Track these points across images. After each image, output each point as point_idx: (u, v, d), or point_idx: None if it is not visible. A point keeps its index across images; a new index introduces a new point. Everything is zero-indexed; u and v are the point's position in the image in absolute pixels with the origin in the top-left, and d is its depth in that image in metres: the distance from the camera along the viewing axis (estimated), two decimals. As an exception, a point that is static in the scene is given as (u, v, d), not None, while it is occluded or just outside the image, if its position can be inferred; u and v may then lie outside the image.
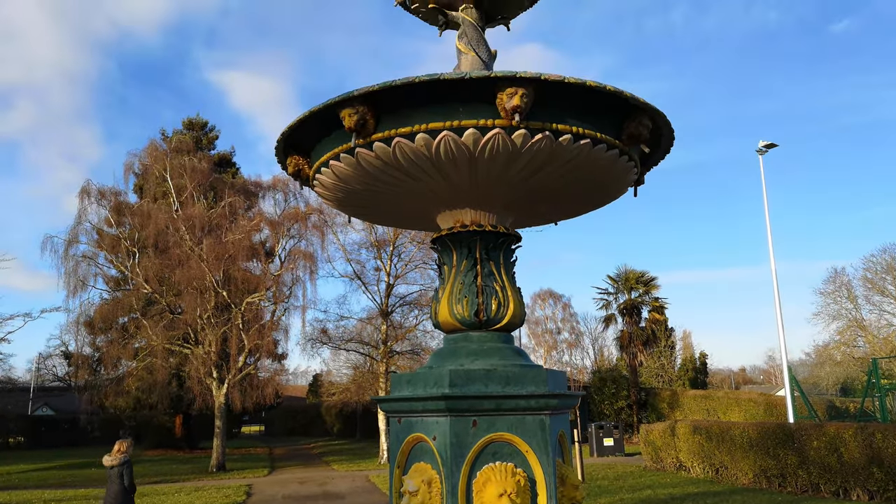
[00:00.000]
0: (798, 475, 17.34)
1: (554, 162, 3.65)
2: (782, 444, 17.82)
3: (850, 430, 16.08)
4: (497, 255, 4.14)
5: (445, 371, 3.69)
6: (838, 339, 50.41)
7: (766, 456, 18.42)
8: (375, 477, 24.08)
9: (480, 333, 4.02)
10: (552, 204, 4.29)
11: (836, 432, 16.32)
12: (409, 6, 4.74)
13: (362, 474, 25.58)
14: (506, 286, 4.08)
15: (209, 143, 47.58)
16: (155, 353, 30.41)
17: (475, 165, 3.62)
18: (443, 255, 4.27)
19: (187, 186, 32.72)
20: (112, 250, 32.36)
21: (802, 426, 17.95)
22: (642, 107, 3.60)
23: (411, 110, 3.49)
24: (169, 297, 30.17)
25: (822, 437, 16.58)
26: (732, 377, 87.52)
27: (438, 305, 4.12)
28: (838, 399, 39.92)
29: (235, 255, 29.46)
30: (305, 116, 3.71)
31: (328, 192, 4.23)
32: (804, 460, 17.10)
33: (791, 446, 17.48)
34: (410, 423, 3.84)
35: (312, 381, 72.77)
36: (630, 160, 3.91)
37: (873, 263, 46.96)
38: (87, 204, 31.92)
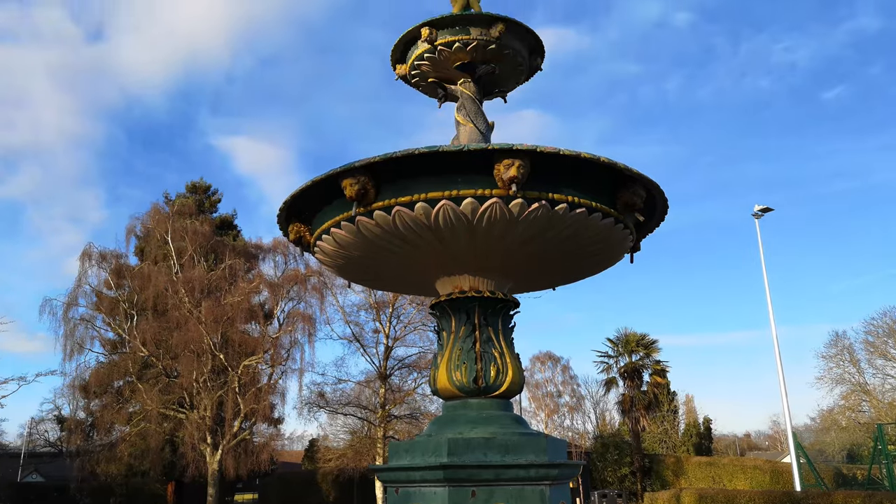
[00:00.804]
0: (807, 546, 16.85)
1: (551, 230, 3.72)
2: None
3: (858, 499, 15.72)
4: (496, 320, 4.16)
5: (444, 439, 3.66)
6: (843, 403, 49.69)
7: (773, 526, 17.96)
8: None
9: (479, 400, 4.01)
10: (550, 271, 4.34)
11: (844, 501, 15.94)
12: (409, 80, 4.92)
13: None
14: (504, 352, 4.09)
15: (212, 206, 48.11)
16: (149, 417, 29.91)
17: (473, 233, 3.69)
18: (441, 321, 4.29)
19: (188, 249, 32.93)
20: (110, 313, 32.28)
21: (810, 494, 17.52)
22: (636, 177, 3.70)
23: (411, 180, 3.59)
24: (165, 361, 29.90)
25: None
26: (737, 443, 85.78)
27: (437, 372, 4.12)
28: (845, 466, 39.03)
29: (234, 317, 29.37)
30: (308, 186, 3.80)
31: (329, 259, 4.29)
32: (813, 530, 16.65)
33: (799, 515, 17.05)
34: (408, 494, 3.78)
35: (309, 446, 71.20)
36: (625, 228, 3.98)
37: (874, 327, 46.75)
38: (87, 266, 32.04)
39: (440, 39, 4.51)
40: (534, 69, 4.86)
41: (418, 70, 4.79)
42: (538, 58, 4.82)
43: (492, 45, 4.49)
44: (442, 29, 4.52)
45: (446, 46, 4.53)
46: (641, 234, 4.39)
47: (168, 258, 33.07)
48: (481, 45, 4.49)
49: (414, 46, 4.72)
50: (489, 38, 4.46)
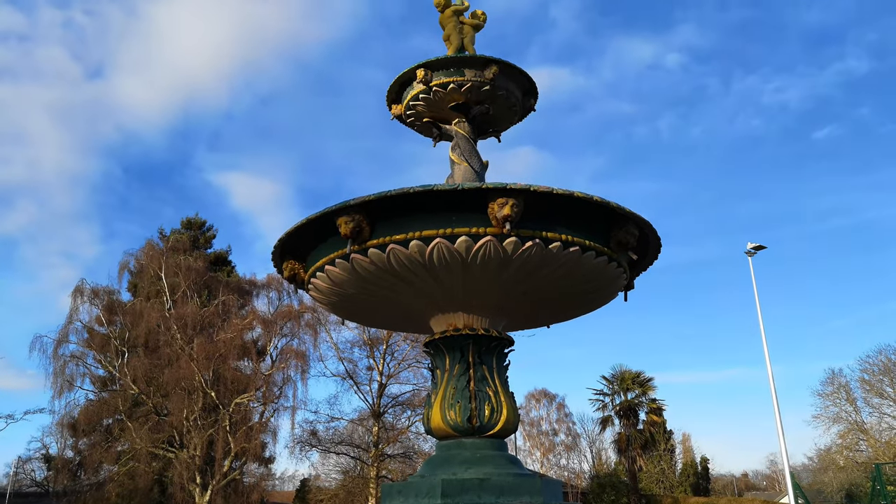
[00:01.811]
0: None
1: (545, 268, 3.74)
2: (790, 555, 17.06)
3: (860, 541, 15.47)
4: (490, 358, 4.15)
5: (437, 480, 3.62)
6: (840, 442, 49.29)
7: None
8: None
9: (474, 440, 3.97)
10: (544, 308, 4.35)
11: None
12: (405, 120, 4.99)
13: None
14: (499, 391, 4.06)
15: (206, 241, 48.08)
16: (138, 457, 29.36)
17: (468, 271, 3.70)
18: (435, 359, 4.28)
19: (181, 285, 32.79)
20: (101, 349, 31.93)
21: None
22: (628, 216, 3.74)
23: (405, 218, 3.61)
24: (156, 399, 29.50)
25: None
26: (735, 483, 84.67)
27: (431, 411, 4.08)
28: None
29: (226, 353, 29.10)
30: (303, 223, 3.82)
31: (323, 296, 4.29)
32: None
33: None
34: (401, 537, 3.72)
35: (300, 486, 69.83)
36: (619, 266, 4.00)
37: (870, 365, 46.67)
38: (79, 303, 31.79)
39: (435, 80, 4.59)
40: (527, 110, 4.94)
41: (413, 110, 4.87)
42: (532, 98, 4.90)
43: (486, 86, 4.57)
44: (437, 70, 4.60)
45: (441, 87, 4.61)
46: (635, 272, 4.41)
47: (161, 294, 32.89)
48: (475, 86, 4.57)
49: (409, 87, 4.80)
50: (483, 80, 4.55)
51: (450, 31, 4.84)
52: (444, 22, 4.91)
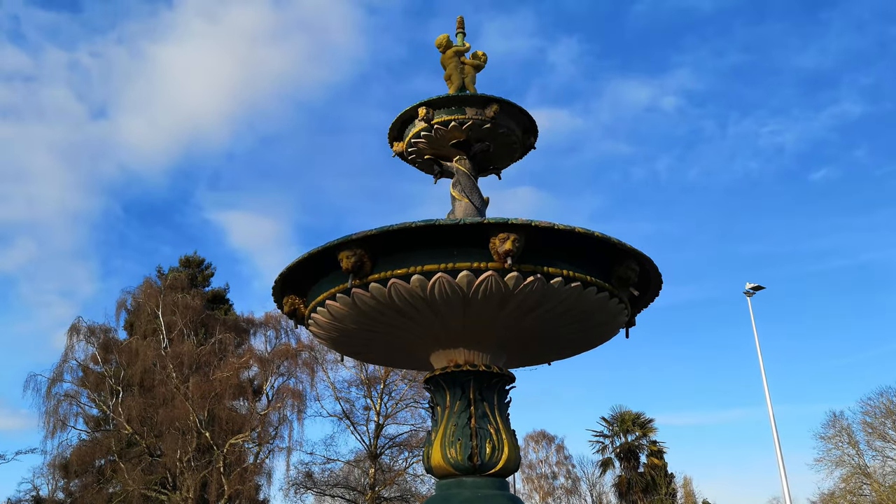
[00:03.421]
0: None
1: (546, 303, 3.73)
2: None
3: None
4: (491, 395, 4.11)
5: (437, 522, 3.55)
6: (843, 486, 48.57)
7: None
8: None
9: (475, 479, 3.90)
10: (545, 344, 4.33)
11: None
12: (406, 157, 5.05)
13: None
14: (500, 428, 4.02)
15: (204, 279, 47.98)
16: (130, 498, 28.74)
17: (469, 306, 3.70)
18: (436, 396, 4.24)
19: (178, 323, 32.60)
20: (96, 388, 31.57)
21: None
22: (629, 252, 3.75)
23: (407, 253, 3.62)
24: (150, 439, 29.04)
25: None
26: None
27: (431, 449, 4.03)
28: (852, 553, 37.74)
29: (222, 392, 28.76)
30: (304, 258, 3.83)
31: (323, 332, 4.27)
32: None
33: None
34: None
35: (294, 531, 68.43)
36: (620, 302, 4.00)
37: (871, 407, 46.26)
38: (74, 341, 31.53)
39: (437, 118, 4.66)
40: (528, 147, 5.00)
41: (415, 147, 4.92)
42: (532, 136, 4.97)
43: (487, 124, 4.64)
44: (438, 109, 4.67)
45: (442, 125, 4.67)
46: (636, 308, 4.41)
47: (157, 333, 32.66)
48: (476, 124, 4.64)
49: (411, 125, 4.86)
50: (484, 118, 4.61)
51: (451, 71, 4.93)
52: (445, 62, 5.01)
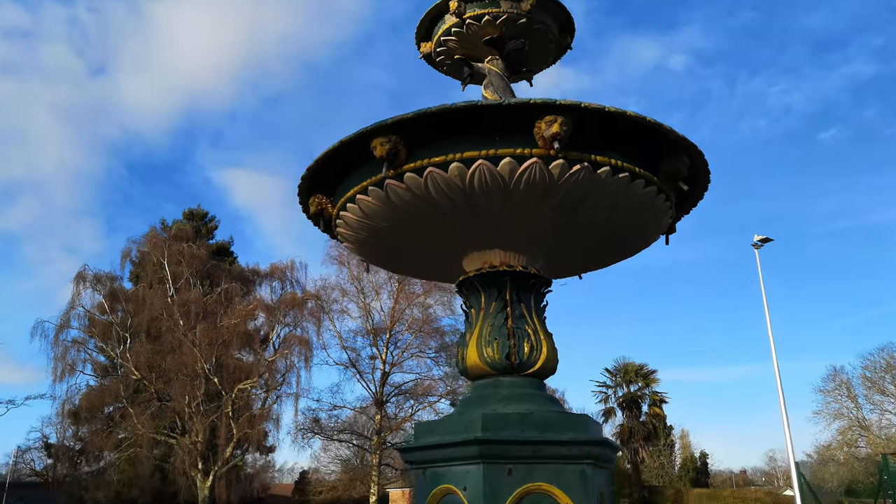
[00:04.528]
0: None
1: (591, 197, 3.55)
2: (798, 543, 16.92)
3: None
4: (528, 297, 3.97)
5: (477, 415, 3.44)
6: (840, 438, 49.40)
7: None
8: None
9: (512, 378, 3.79)
10: (583, 249, 4.16)
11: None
12: (434, 58, 4.80)
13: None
14: (538, 329, 3.88)
15: (208, 232, 47.91)
16: (140, 442, 29.23)
17: (509, 198, 3.52)
18: (470, 299, 4.10)
19: (184, 273, 32.61)
20: (103, 336, 31.78)
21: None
22: (681, 142, 3.56)
23: (445, 139, 3.43)
24: (158, 385, 29.35)
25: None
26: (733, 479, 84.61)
27: (466, 350, 3.90)
28: (846, 499, 38.50)
29: (230, 340, 28.95)
30: (335, 147, 3.64)
31: (351, 233, 4.10)
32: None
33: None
34: (437, 474, 3.54)
35: (299, 478, 69.87)
36: (667, 200, 3.82)
37: (871, 362, 46.73)
38: (81, 289, 31.64)
39: (469, 13, 4.40)
40: (564, 48, 4.75)
41: (444, 47, 4.68)
42: (568, 36, 4.72)
43: (522, 19, 4.38)
44: (471, 2, 4.41)
45: (475, 20, 4.42)
46: (678, 213, 4.23)
47: (164, 282, 32.73)
48: (511, 18, 4.38)
49: (440, 21, 4.61)
50: (519, 12, 4.35)
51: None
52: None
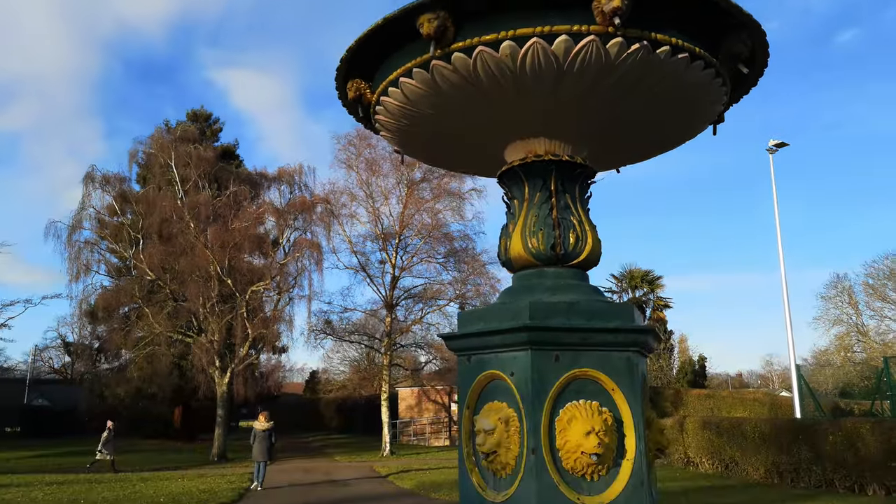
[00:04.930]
0: (812, 471, 17.12)
1: (646, 79, 3.38)
2: (796, 439, 17.59)
3: (868, 426, 15.89)
4: (573, 187, 3.88)
5: (524, 304, 3.43)
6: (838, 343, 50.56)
7: (778, 451, 18.19)
8: (379, 467, 23.82)
9: (556, 269, 3.76)
10: (631, 137, 4.02)
11: (853, 427, 16.11)
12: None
13: (366, 465, 25.30)
14: (583, 220, 3.82)
15: (213, 134, 47.30)
16: (157, 341, 30.09)
17: (561, 80, 3.35)
18: (512, 190, 4.01)
19: (192, 175, 32.45)
20: (115, 238, 32.07)
21: (818, 422, 17.71)
22: (746, 21, 3.35)
23: (497, 15, 3.23)
24: (172, 286, 29.85)
25: (839, 433, 16.34)
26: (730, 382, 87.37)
27: (509, 241, 3.85)
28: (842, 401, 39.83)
29: (241, 243, 29.18)
30: (379, 25, 3.44)
31: (391, 120, 3.96)
32: (819, 456, 16.87)
33: (805, 442, 17.25)
34: (482, 361, 3.58)
35: (310, 377, 72.53)
36: (724, 85, 3.65)
37: (875, 270, 47.08)
38: (91, 190, 31.66)
39: None
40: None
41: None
42: None
43: None
44: None
45: None
46: (729, 100, 4.05)
47: (172, 184, 32.63)
48: None
49: None
50: None
51: None
52: None
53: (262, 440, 18.30)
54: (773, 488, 16.98)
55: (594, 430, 3.18)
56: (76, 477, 20.31)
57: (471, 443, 3.58)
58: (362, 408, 47.91)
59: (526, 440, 3.27)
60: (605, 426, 3.22)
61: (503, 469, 3.36)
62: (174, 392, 35.45)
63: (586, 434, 3.18)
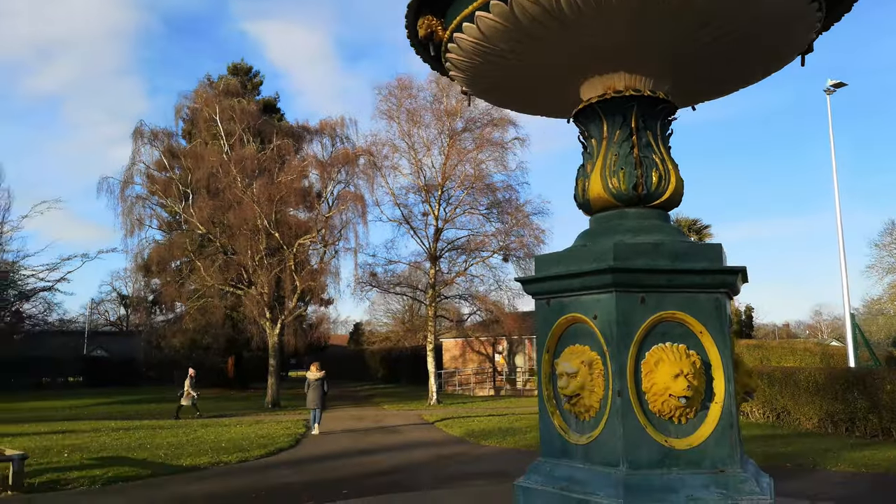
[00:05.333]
0: (868, 420, 16.81)
1: (737, 5, 3.18)
2: (851, 388, 17.23)
3: (928, 375, 15.46)
4: (654, 124, 3.72)
5: (608, 245, 3.34)
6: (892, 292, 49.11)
7: (833, 401, 17.88)
8: (427, 415, 24.31)
9: (638, 210, 3.64)
10: (714, 69, 3.81)
11: (910, 377, 15.70)
12: None
13: (413, 413, 25.85)
14: (665, 158, 3.67)
15: (254, 88, 47.36)
16: (210, 293, 30.90)
17: (645, 7, 3.17)
18: (589, 128, 3.87)
19: (237, 129, 32.66)
20: (165, 193, 32.69)
21: (874, 370, 17.31)
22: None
23: (578, -60, 3.05)
24: (222, 239, 30.44)
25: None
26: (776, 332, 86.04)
27: (588, 181, 3.74)
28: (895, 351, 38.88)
29: (287, 196, 29.46)
30: (456, -44, 3.30)
31: (463, 59, 3.83)
32: (875, 405, 16.53)
33: (861, 391, 16.90)
34: (563, 304, 3.52)
35: (353, 329, 73.96)
36: (819, 10, 3.41)
37: (932, 216, 45.23)
38: (140, 145, 32.17)
39: None
40: None
41: None
42: None
43: None
44: None
45: None
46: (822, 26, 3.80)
47: (217, 138, 32.91)
48: None
49: None
50: None
51: None
52: None
53: (316, 388, 18.79)
54: (828, 437, 16.77)
55: (683, 372, 3.12)
56: (140, 423, 21.26)
57: (551, 385, 3.56)
58: (407, 359, 48.74)
59: (611, 383, 3.23)
60: (694, 369, 3.15)
61: (586, 412, 3.33)
62: (227, 343, 36.60)
63: (674, 377, 3.12)
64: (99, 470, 11.66)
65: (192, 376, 24.71)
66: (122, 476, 11.20)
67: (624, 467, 3.10)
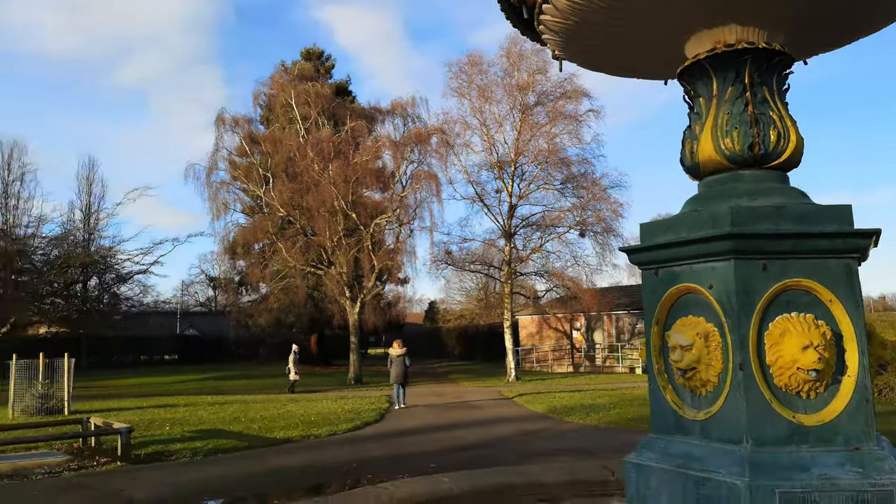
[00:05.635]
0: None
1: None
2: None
3: None
4: (770, 79, 3.46)
5: (724, 209, 3.14)
6: None
7: (944, 376, 16.74)
8: (506, 391, 24.32)
9: (753, 172, 3.40)
10: (832, 17, 3.49)
11: None
12: None
13: (492, 389, 25.93)
14: (783, 115, 3.41)
15: (326, 72, 48.05)
16: (292, 274, 31.86)
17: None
18: (696, 87, 3.64)
19: (312, 113, 33.27)
20: (246, 177, 33.77)
21: None
22: None
23: None
24: (302, 221, 31.23)
25: None
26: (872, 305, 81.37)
27: (697, 143, 3.52)
28: None
29: (362, 177, 29.88)
30: None
31: (558, 20, 3.66)
32: None
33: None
34: (673, 274, 3.34)
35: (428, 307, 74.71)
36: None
37: None
38: (222, 132, 33.31)
39: None
40: None
41: None
42: None
43: None
44: None
45: None
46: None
47: (294, 122, 33.64)
48: None
49: None
50: None
51: None
52: None
53: (399, 364, 19.16)
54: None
55: (812, 344, 2.90)
56: (233, 398, 22.24)
57: (661, 359, 3.40)
58: (483, 336, 48.86)
59: (731, 356, 3.04)
60: (825, 340, 2.93)
61: (703, 386, 3.16)
62: (310, 321, 37.71)
63: (803, 349, 2.91)
64: (199, 442, 12.25)
65: (295, 352, 25.85)
66: (222, 448, 11.73)
67: (748, 444, 2.92)
